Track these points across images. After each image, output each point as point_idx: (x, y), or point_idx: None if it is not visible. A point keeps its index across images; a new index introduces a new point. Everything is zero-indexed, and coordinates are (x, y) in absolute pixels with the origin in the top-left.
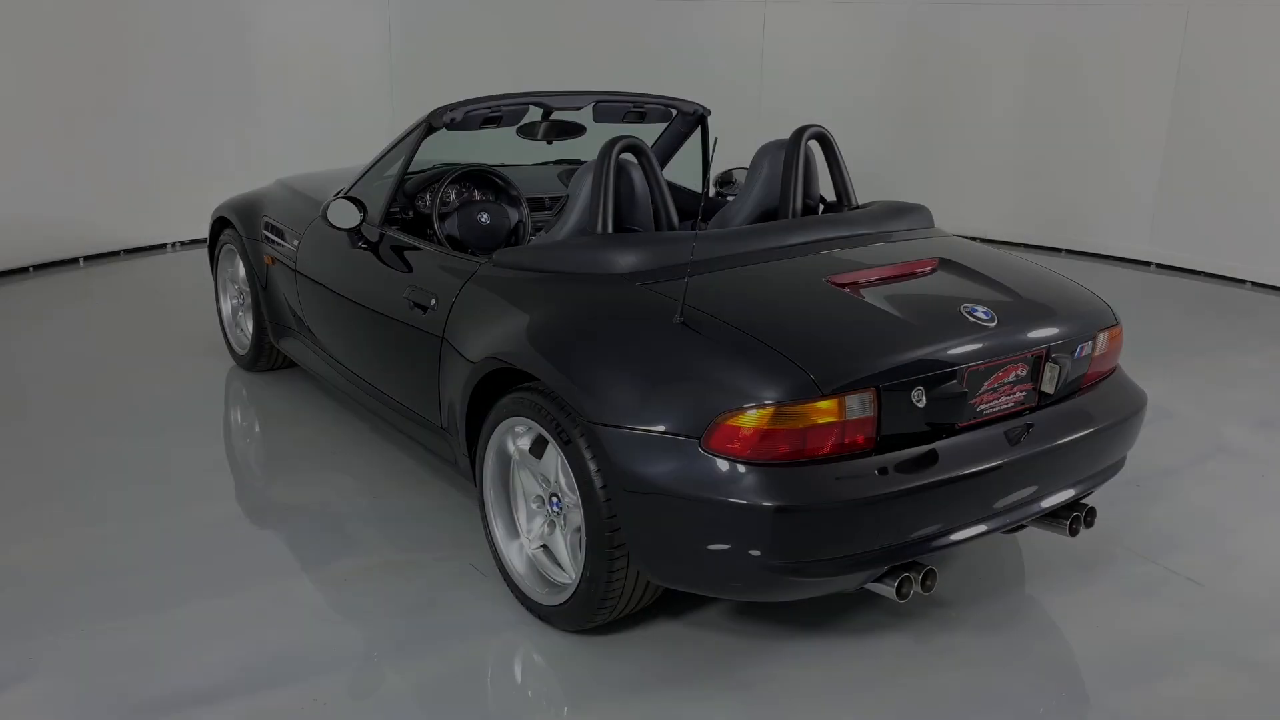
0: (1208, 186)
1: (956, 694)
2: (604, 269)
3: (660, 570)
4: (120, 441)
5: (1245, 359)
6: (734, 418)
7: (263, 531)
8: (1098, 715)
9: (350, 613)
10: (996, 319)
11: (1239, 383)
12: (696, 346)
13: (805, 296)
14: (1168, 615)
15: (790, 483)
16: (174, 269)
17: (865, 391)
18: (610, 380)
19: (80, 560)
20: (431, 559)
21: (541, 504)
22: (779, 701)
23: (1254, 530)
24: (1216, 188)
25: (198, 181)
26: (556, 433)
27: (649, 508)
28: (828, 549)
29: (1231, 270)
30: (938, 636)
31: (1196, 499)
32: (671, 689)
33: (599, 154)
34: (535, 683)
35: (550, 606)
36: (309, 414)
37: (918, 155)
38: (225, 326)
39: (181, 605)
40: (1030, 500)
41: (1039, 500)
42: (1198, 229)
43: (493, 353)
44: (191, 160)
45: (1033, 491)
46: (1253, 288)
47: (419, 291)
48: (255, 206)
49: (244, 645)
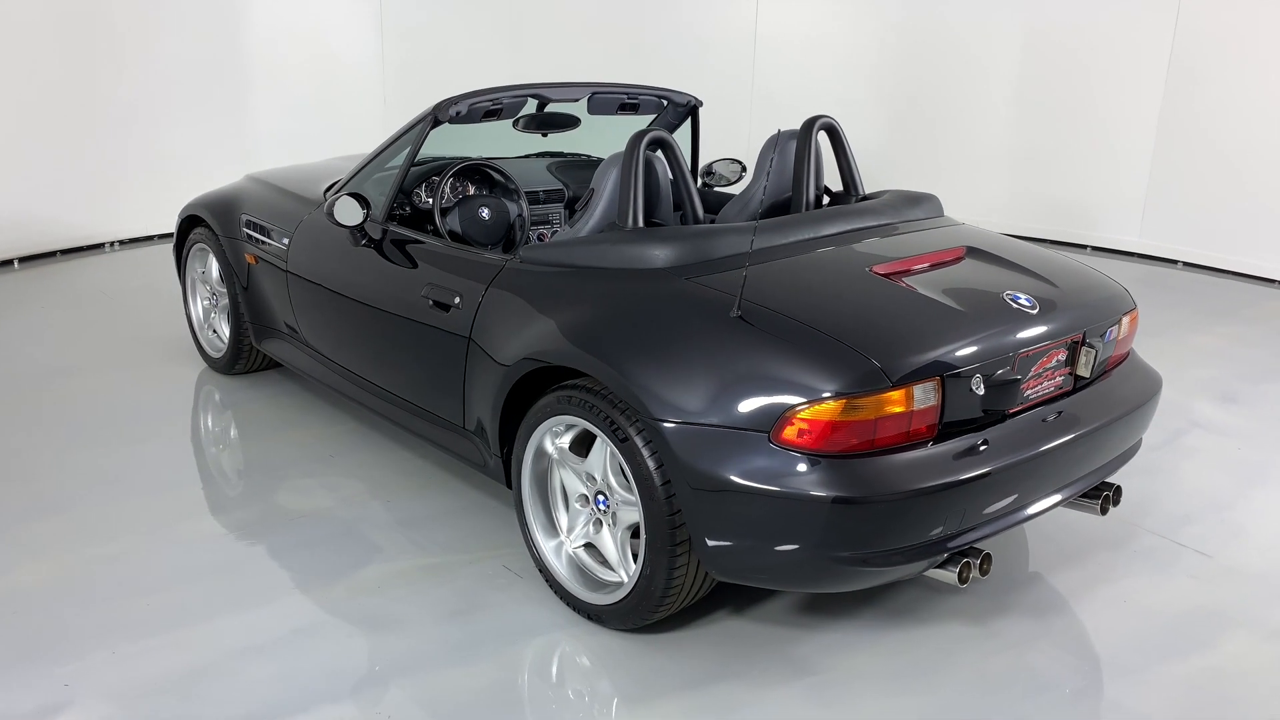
0: (1198, 178)
1: (1009, 676)
2: (641, 264)
3: (726, 566)
4: (103, 452)
5: (1198, 338)
6: (804, 410)
7: (278, 541)
8: (1144, 691)
9: (391, 620)
10: (1038, 305)
11: (1198, 361)
12: (758, 340)
13: (854, 287)
14: (1187, 588)
15: (864, 474)
16: (118, 269)
17: (930, 380)
18: (671, 376)
19: (92, 580)
20: (461, 561)
21: (586, 502)
22: (842, 687)
23: (1247, 502)
24: (1206, 179)
25: (142, 179)
26: (611, 430)
27: (716, 504)
28: (897, 538)
29: (1220, 261)
30: (989, 621)
31: (1185, 474)
32: (733, 681)
33: (626, 147)
34: (600, 683)
35: (602, 606)
36: (297, 417)
37: (908, 146)
38: (195, 329)
39: (210, 621)
40: (1074, 481)
41: (1080, 481)
42: (1187, 220)
43: (531, 353)
44: (136, 156)
45: (1076, 473)
46: (1206, 273)
47: (440, 290)
48: (232, 204)
49: (288, 660)
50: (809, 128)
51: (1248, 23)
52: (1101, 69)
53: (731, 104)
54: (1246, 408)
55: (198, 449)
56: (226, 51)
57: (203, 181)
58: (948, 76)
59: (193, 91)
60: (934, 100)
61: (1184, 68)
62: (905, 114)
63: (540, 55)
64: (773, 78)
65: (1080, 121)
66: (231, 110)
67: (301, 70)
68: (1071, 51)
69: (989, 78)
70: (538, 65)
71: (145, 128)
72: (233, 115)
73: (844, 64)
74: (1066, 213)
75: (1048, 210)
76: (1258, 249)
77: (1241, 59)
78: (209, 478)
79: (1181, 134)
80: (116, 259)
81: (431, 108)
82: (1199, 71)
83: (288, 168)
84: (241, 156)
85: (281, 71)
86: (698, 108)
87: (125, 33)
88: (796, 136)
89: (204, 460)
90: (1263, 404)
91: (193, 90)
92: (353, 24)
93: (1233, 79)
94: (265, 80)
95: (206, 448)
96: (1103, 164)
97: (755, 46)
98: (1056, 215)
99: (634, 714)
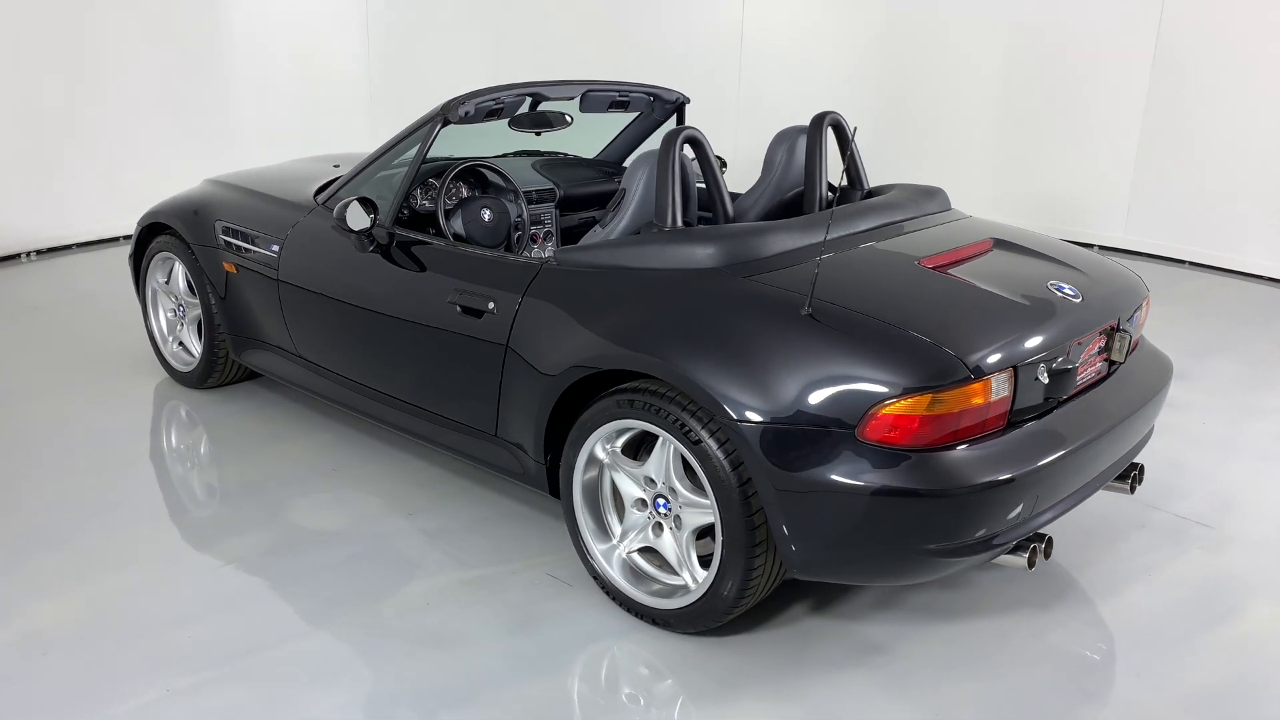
0: (1183, 174)
1: (1065, 656)
2: (692, 264)
3: (811, 563)
4: (90, 478)
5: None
6: (890, 406)
7: (307, 562)
8: (1193, 660)
9: (452, 637)
10: (1081, 295)
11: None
12: (834, 337)
13: (912, 281)
14: (1199, 560)
15: (952, 466)
16: (42, 281)
17: (1005, 371)
18: (747, 377)
19: (121, 615)
20: (503, 572)
21: (643, 506)
22: (916, 675)
23: (1227, 474)
24: (1192, 176)
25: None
26: (682, 433)
27: (804, 503)
28: (981, 527)
29: (1204, 257)
30: (1032, 603)
31: (1163, 452)
32: (807, 674)
33: (661, 147)
34: (681, 685)
35: (670, 611)
36: (285, 430)
37: (894, 143)
38: (158, 342)
39: (263, 651)
40: (1117, 463)
41: (1120, 462)
42: (1172, 216)
43: (582, 359)
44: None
45: (1119, 453)
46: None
47: (470, 296)
48: (203, 210)
49: (356, 687)
50: (819, 123)
51: (1232, 19)
52: (1087, 65)
53: (718, 101)
54: (1197, 383)
55: (190, 469)
56: (204, 50)
57: (146, 185)
58: (933, 73)
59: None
60: (919, 97)
61: (1168, 64)
62: (891, 111)
63: (526, 53)
64: (759, 75)
65: (1066, 118)
66: (199, 110)
67: (285, 67)
68: (1056, 48)
69: (974, 75)
70: (523, 63)
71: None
72: (199, 114)
73: (830, 62)
74: (1052, 208)
75: (1034, 206)
76: (1243, 245)
77: (1226, 55)
78: (211, 499)
79: (1166, 130)
80: (36, 270)
81: (440, 108)
82: (1183, 68)
83: (252, 170)
84: (208, 156)
85: (264, 69)
86: (684, 104)
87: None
88: (806, 133)
89: (200, 481)
90: (1212, 379)
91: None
92: (338, 21)
93: (1217, 75)
94: (249, 77)
95: (199, 468)
96: (1088, 160)
97: (741, 44)
98: (1042, 211)
99: (722, 713)
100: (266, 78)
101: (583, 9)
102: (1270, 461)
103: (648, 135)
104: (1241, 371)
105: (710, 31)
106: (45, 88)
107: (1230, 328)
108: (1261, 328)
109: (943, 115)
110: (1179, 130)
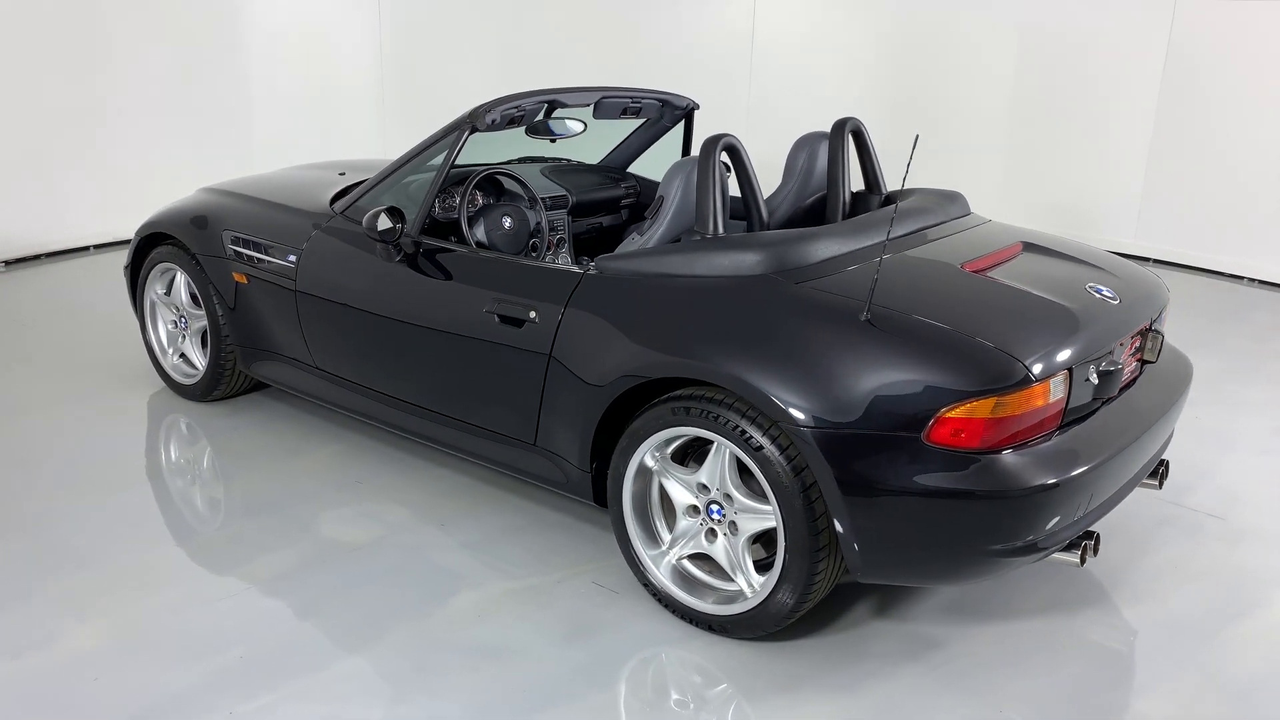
0: (1194, 180)
1: (1112, 652)
2: (740, 271)
3: (876, 566)
4: (105, 496)
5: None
6: (955, 410)
7: (347, 577)
8: (1232, 651)
9: (510, 649)
10: (1119, 296)
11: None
12: (895, 342)
13: (959, 285)
14: (1219, 552)
15: (1017, 468)
16: (16, 292)
17: (1061, 373)
18: (809, 382)
19: (164, 636)
20: (549, 582)
21: (695, 513)
22: (966, 673)
23: (1229, 466)
24: (1203, 181)
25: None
26: (742, 440)
27: (870, 506)
28: (1043, 526)
29: (1215, 264)
30: (1071, 600)
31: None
32: (868, 676)
33: (700, 154)
34: (746, 690)
35: (727, 616)
36: (298, 443)
37: (904, 147)
38: (157, 355)
39: (321, 670)
40: (1151, 460)
41: (1153, 459)
42: (1183, 222)
43: (633, 369)
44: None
45: (1154, 449)
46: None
47: (509, 305)
48: (207, 220)
49: (425, 703)
50: (840, 129)
51: (1243, 24)
52: (1098, 70)
53: (729, 105)
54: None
55: (206, 485)
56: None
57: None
58: (944, 78)
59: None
60: (930, 101)
61: (1180, 69)
62: (901, 115)
63: (537, 56)
64: (769, 80)
65: (1076, 123)
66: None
67: (298, 71)
68: (1068, 53)
69: (985, 79)
70: (534, 66)
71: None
72: (196, 116)
73: (840, 66)
74: (1063, 213)
75: (1044, 211)
76: (1254, 251)
77: (1237, 61)
78: (234, 514)
79: (1178, 136)
80: (9, 281)
81: (467, 115)
82: (1195, 73)
83: (252, 178)
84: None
85: (274, 72)
86: (694, 110)
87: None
88: (828, 138)
89: (219, 496)
90: (1196, 375)
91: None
92: (349, 26)
93: (1229, 80)
94: (262, 81)
95: (215, 483)
96: (1099, 165)
97: (752, 48)
98: (1053, 216)
99: (786, 716)
100: (276, 80)
101: (593, 13)
102: (1268, 455)
103: (654, 141)
104: (1221, 366)
105: (721, 35)
106: (46, 88)
107: (1206, 325)
108: (1236, 324)
109: (953, 119)
110: (1191, 135)
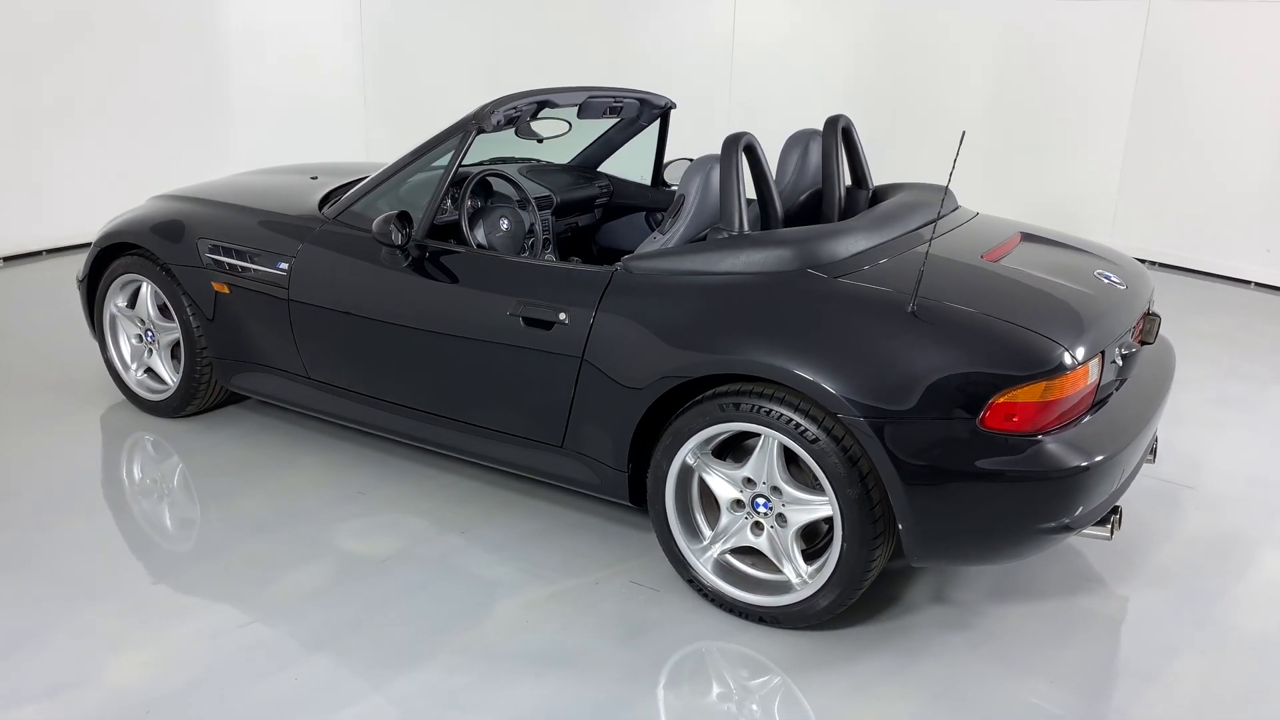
0: (1169, 177)
1: (1133, 621)
2: (775, 267)
3: (933, 550)
4: (102, 521)
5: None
6: (1009, 394)
7: (381, 591)
8: (1241, 609)
9: (566, 655)
10: (1125, 282)
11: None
12: (942, 332)
13: (985, 275)
14: (1200, 519)
15: (1068, 447)
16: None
17: (1096, 356)
18: (866, 374)
19: (209, 664)
20: (586, 584)
21: (739, 507)
22: (1012, 649)
23: (1185, 435)
24: (1178, 179)
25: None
26: (796, 433)
27: (930, 492)
28: (1089, 503)
29: (1191, 261)
30: (1081, 576)
31: None
32: (921, 657)
33: (723, 153)
34: (810, 681)
35: (779, 608)
36: (287, 456)
37: (883, 145)
38: (119, 371)
39: (383, 687)
40: (1153, 436)
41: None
42: (1159, 219)
43: (673, 369)
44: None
45: (1155, 427)
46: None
47: (537, 307)
48: (179, 228)
49: (497, 712)
50: (832, 127)
51: (1217, 23)
52: (1074, 70)
53: (709, 105)
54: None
55: (206, 504)
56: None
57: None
58: (922, 77)
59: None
60: (908, 100)
61: (1155, 68)
62: (880, 114)
63: (519, 57)
64: (750, 78)
65: (1054, 121)
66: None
67: (279, 73)
68: (1044, 52)
69: (963, 78)
70: (517, 66)
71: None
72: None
73: (820, 65)
74: (1040, 211)
75: (1021, 209)
76: (1229, 249)
77: (1212, 60)
78: (243, 535)
79: (1153, 134)
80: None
81: (471, 117)
82: (1170, 72)
83: (215, 183)
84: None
85: (256, 74)
86: (670, 109)
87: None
88: (819, 136)
89: (226, 515)
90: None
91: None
92: (331, 28)
93: (1203, 79)
94: (243, 83)
95: (214, 501)
96: (1076, 163)
97: (733, 46)
98: (1030, 214)
99: (859, 702)
100: (258, 82)
101: (575, 13)
102: (1213, 425)
103: (628, 140)
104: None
105: (701, 34)
106: (44, 90)
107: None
108: (1197, 318)
109: (931, 118)
110: (1167, 133)
